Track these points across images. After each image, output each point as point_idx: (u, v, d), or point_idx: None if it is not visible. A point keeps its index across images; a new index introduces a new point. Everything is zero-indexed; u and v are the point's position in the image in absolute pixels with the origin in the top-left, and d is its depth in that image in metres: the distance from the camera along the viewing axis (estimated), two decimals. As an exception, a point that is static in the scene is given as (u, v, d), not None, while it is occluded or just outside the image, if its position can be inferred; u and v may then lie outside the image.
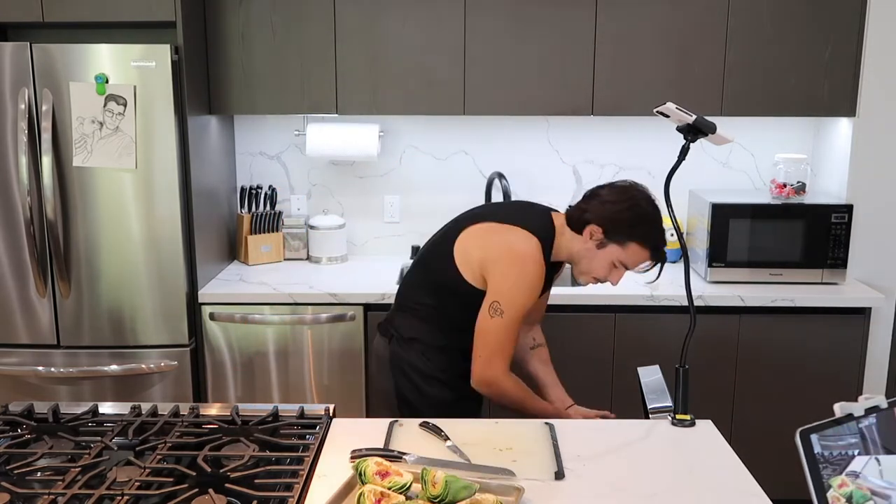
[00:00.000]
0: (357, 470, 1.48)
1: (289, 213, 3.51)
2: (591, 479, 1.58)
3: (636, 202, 2.03)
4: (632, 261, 2.04)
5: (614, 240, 2.03)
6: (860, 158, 3.11)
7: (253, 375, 3.00)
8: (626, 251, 2.03)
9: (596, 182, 3.46)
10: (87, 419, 1.81)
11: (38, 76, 2.73)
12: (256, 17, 3.03)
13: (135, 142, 2.77)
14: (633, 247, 2.03)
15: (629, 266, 2.06)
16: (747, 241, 3.03)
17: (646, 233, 2.02)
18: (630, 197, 2.04)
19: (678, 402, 1.85)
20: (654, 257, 2.05)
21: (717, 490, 1.55)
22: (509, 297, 2.00)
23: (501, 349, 2.03)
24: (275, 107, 3.11)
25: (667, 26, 3.03)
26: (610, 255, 2.04)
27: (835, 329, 2.93)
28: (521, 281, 2.01)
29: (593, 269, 2.07)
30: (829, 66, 3.04)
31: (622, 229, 2.02)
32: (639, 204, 2.03)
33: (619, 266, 2.06)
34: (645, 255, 2.04)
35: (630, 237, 2.02)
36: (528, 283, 2.02)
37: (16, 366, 2.92)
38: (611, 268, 2.06)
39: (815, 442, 1.15)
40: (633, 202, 2.03)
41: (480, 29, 3.03)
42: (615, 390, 2.97)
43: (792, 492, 1.94)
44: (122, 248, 2.85)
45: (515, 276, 2.01)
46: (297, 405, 1.87)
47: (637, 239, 2.02)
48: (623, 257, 2.04)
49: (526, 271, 2.02)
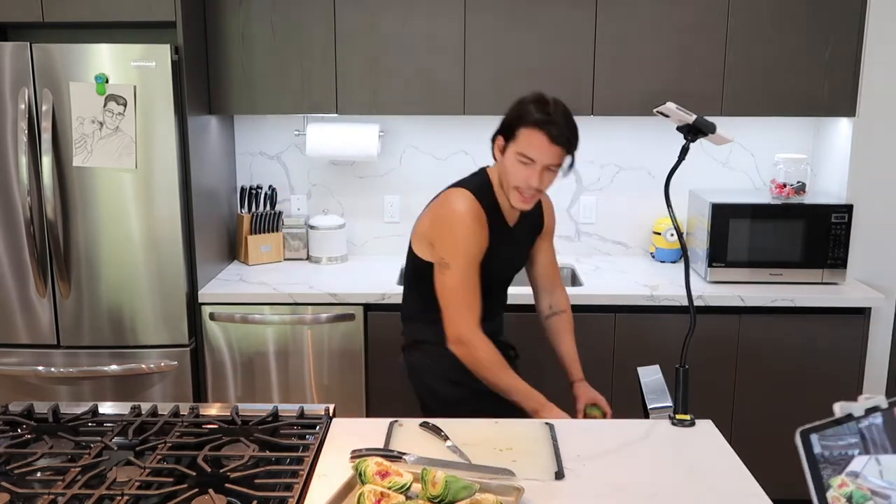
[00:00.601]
0: (357, 470, 1.48)
1: (289, 213, 3.51)
2: (591, 479, 1.58)
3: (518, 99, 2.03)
4: (528, 145, 1.97)
5: (510, 139, 2.01)
6: (860, 158, 3.11)
7: (253, 375, 3.00)
8: (519, 141, 1.98)
9: (596, 182, 3.49)
10: (87, 419, 1.81)
11: (38, 76, 2.73)
12: (256, 17, 3.03)
13: (135, 142, 2.77)
14: (522, 132, 1.98)
15: (531, 154, 1.97)
16: (747, 241, 3.03)
17: (526, 112, 1.98)
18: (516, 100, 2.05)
19: (678, 402, 1.86)
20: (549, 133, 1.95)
21: (717, 490, 1.55)
22: (451, 250, 2.03)
23: (463, 302, 2.03)
24: (275, 107, 3.11)
25: (667, 26, 3.03)
26: (512, 154, 2.00)
27: (835, 329, 2.93)
28: (456, 231, 2.03)
29: (510, 178, 2.02)
30: (829, 66, 3.04)
31: (509, 123, 2.01)
32: (520, 98, 2.03)
33: (524, 160, 1.98)
34: (536, 134, 1.96)
35: (517, 125, 1.98)
36: (463, 231, 2.03)
37: (16, 366, 2.92)
38: (520, 166, 1.99)
39: (815, 442, 1.15)
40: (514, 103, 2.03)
41: (480, 29, 3.03)
42: (615, 390, 2.96)
43: (792, 492, 1.94)
44: (122, 248, 2.85)
45: (450, 228, 2.04)
46: (297, 405, 1.87)
47: (522, 123, 1.98)
48: (521, 148, 1.98)
49: (458, 220, 2.03)
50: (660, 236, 3.39)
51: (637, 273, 3.22)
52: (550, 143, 1.96)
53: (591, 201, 3.50)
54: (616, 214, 3.51)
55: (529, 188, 2.00)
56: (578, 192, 3.49)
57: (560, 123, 1.96)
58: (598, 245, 3.54)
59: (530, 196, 2.03)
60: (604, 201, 3.50)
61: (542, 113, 1.96)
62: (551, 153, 1.97)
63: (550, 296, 2.34)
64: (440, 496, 1.41)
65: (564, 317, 2.33)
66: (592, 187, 3.49)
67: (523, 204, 2.05)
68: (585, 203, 3.49)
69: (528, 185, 2.00)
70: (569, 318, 2.34)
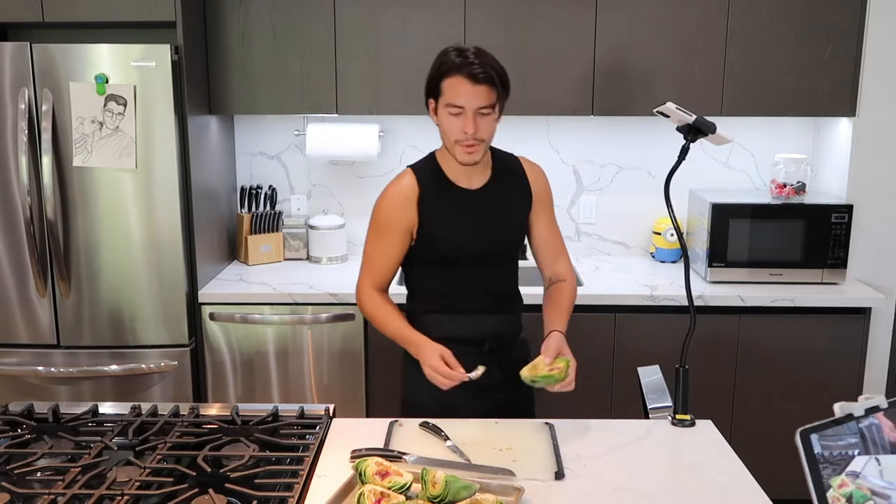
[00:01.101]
0: (357, 470, 1.48)
1: (289, 213, 3.51)
2: (591, 479, 1.58)
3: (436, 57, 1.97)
4: (453, 94, 1.89)
5: (438, 96, 1.93)
6: (860, 158, 3.11)
7: (253, 375, 3.00)
8: (445, 93, 1.91)
9: (596, 182, 3.49)
10: (87, 419, 1.82)
11: (38, 76, 2.73)
12: (256, 17, 3.03)
13: (135, 142, 2.77)
14: (445, 84, 1.90)
15: (458, 102, 1.88)
16: (747, 241, 3.03)
17: (443, 62, 1.91)
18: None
19: (678, 402, 1.86)
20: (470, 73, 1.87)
21: (717, 490, 1.55)
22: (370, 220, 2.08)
23: (364, 267, 2.09)
24: (275, 107, 3.11)
25: (667, 26, 3.03)
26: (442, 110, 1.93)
27: (835, 329, 2.93)
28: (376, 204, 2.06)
29: (448, 134, 1.94)
30: (829, 66, 3.04)
31: (432, 80, 1.94)
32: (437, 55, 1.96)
33: (454, 110, 1.89)
34: (458, 80, 1.88)
35: (440, 79, 1.91)
36: (377, 205, 2.05)
37: (16, 366, 2.92)
38: (453, 119, 1.90)
39: (815, 442, 1.15)
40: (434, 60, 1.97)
41: (480, 29, 3.03)
42: (615, 390, 2.97)
43: (792, 492, 1.94)
44: (122, 248, 2.85)
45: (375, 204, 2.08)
46: (297, 405, 1.87)
47: (443, 75, 1.90)
48: (447, 99, 1.90)
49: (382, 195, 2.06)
50: (660, 236, 3.39)
51: (637, 273, 3.23)
52: (474, 84, 1.87)
53: (591, 201, 3.50)
54: (616, 214, 3.51)
55: (467, 137, 1.90)
56: (578, 192, 3.49)
57: (479, 62, 1.88)
58: (598, 245, 3.54)
59: (472, 146, 1.92)
60: (604, 201, 3.50)
61: (460, 57, 1.89)
62: (478, 94, 1.88)
63: (552, 268, 2.19)
64: (440, 496, 1.41)
65: (563, 285, 2.15)
66: (592, 187, 3.49)
67: (468, 156, 1.94)
68: (585, 203, 3.49)
69: (465, 135, 1.90)
70: (569, 286, 2.15)
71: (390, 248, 2.05)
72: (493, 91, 1.89)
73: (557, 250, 2.19)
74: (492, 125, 1.93)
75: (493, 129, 1.95)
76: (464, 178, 2.03)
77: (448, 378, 1.85)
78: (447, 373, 1.85)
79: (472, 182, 2.04)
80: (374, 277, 2.08)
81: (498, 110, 1.93)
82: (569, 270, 2.19)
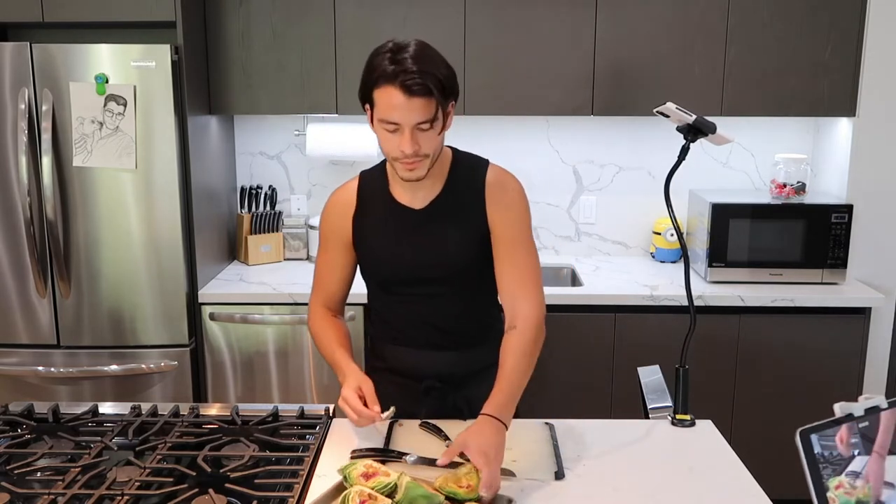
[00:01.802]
0: (343, 474, 1.48)
1: (289, 213, 3.51)
2: (591, 479, 1.58)
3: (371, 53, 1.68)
4: (386, 108, 1.61)
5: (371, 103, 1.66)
6: (860, 158, 3.11)
7: (253, 375, 3.00)
8: (378, 106, 1.63)
9: (596, 182, 3.49)
10: (87, 419, 1.81)
11: (38, 76, 2.73)
12: (256, 17, 3.03)
13: (135, 142, 2.77)
14: (377, 95, 1.62)
15: (390, 116, 1.60)
16: (747, 241, 3.03)
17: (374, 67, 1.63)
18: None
19: (678, 402, 1.85)
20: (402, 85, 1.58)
21: (717, 490, 1.55)
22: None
23: (314, 277, 1.94)
24: (275, 107, 3.11)
25: (666, 26, 3.03)
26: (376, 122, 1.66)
27: (835, 329, 2.93)
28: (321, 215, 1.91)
29: (384, 149, 1.69)
30: (829, 66, 3.04)
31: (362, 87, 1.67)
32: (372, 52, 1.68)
33: (388, 125, 1.62)
34: (390, 92, 1.59)
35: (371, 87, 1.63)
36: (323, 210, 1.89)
37: (16, 366, 2.92)
38: (388, 135, 1.64)
39: (815, 442, 1.15)
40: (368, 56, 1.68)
41: (480, 29, 3.03)
42: (615, 390, 2.97)
43: (792, 492, 1.94)
44: (122, 248, 2.85)
45: None
46: (297, 405, 1.87)
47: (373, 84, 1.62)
48: (380, 113, 1.62)
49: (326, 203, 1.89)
50: (660, 236, 3.39)
51: (637, 273, 3.23)
52: (409, 97, 1.58)
53: (591, 201, 3.50)
54: (616, 214, 3.50)
55: (405, 156, 1.64)
56: (578, 192, 3.49)
57: (414, 69, 1.57)
58: (598, 245, 3.54)
59: (414, 163, 1.66)
60: (604, 201, 3.50)
61: (393, 63, 1.59)
62: (413, 109, 1.59)
63: (510, 310, 1.76)
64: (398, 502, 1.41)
65: (511, 336, 1.71)
66: (592, 187, 3.49)
67: (410, 174, 1.68)
68: (585, 203, 3.49)
69: (403, 154, 1.63)
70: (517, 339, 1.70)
71: (334, 261, 1.88)
72: (433, 102, 1.60)
73: (518, 288, 1.75)
74: (434, 139, 1.65)
75: (439, 142, 1.69)
76: (407, 194, 1.79)
77: (357, 415, 1.65)
78: (357, 409, 1.64)
79: (415, 199, 1.79)
80: (321, 294, 1.92)
81: (442, 119, 1.64)
82: (525, 314, 1.72)
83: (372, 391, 1.70)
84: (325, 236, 1.89)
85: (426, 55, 1.62)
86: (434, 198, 1.79)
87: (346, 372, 1.77)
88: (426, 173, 1.70)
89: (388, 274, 1.84)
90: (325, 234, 1.89)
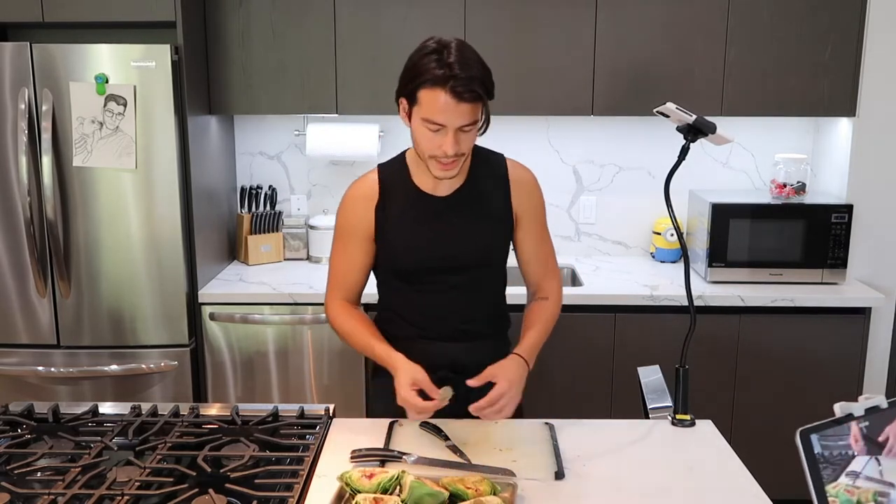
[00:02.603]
0: (343, 480, 1.47)
1: (289, 213, 3.51)
2: (591, 479, 1.58)
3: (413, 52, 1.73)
4: (432, 110, 1.67)
5: (412, 100, 1.71)
6: (860, 158, 3.11)
7: (253, 375, 3.00)
8: (422, 105, 1.68)
9: (596, 182, 3.49)
10: (87, 419, 1.81)
11: (38, 76, 2.73)
12: (256, 17, 3.03)
13: (135, 142, 2.77)
14: (423, 95, 1.67)
15: (438, 119, 1.67)
16: (747, 241, 3.03)
17: (424, 69, 1.67)
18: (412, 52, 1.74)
19: (678, 402, 1.85)
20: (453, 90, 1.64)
21: (717, 490, 1.55)
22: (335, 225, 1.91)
23: (331, 276, 1.92)
24: (275, 107, 3.11)
25: (666, 26, 3.03)
26: (418, 121, 1.71)
27: (835, 329, 2.93)
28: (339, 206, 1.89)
29: (422, 147, 1.74)
30: (829, 66, 3.04)
31: (406, 84, 1.71)
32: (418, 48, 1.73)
33: (431, 125, 1.68)
34: (440, 95, 1.65)
35: (416, 86, 1.68)
36: (339, 209, 1.88)
37: (16, 366, 2.92)
38: (430, 134, 1.70)
39: (815, 442, 1.15)
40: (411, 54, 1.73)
41: (480, 29, 3.03)
42: (615, 390, 2.97)
43: (792, 492, 1.94)
44: (122, 248, 2.85)
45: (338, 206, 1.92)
46: (297, 405, 1.87)
47: (421, 84, 1.67)
48: (425, 113, 1.68)
49: (343, 197, 1.89)
50: (660, 236, 3.39)
51: (637, 273, 3.23)
52: (458, 103, 1.65)
53: (591, 201, 3.50)
54: (616, 214, 3.51)
55: (446, 156, 1.71)
56: (578, 192, 3.49)
57: (464, 76, 1.64)
58: (598, 245, 3.54)
59: (451, 162, 1.73)
60: (604, 201, 3.50)
61: (441, 67, 1.64)
62: (461, 113, 1.66)
63: (537, 285, 1.98)
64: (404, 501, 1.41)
65: (544, 303, 1.94)
66: (592, 187, 3.49)
67: (445, 172, 1.75)
68: (585, 203, 3.49)
69: (444, 154, 1.70)
70: (550, 305, 1.94)
71: (353, 255, 1.88)
72: (478, 106, 1.70)
73: (546, 268, 1.97)
74: (473, 138, 1.75)
75: (475, 139, 1.77)
76: (430, 184, 1.85)
77: (420, 411, 1.69)
78: (419, 407, 1.68)
79: (438, 188, 1.85)
80: (340, 289, 1.91)
81: (482, 120, 1.74)
82: (555, 289, 1.97)
83: (427, 379, 1.72)
84: (346, 231, 1.88)
85: (469, 58, 1.69)
86: (458, 187, 1.86)
87: (395, 365, 1.77)
88: (458, 171, 1.78)
89: (411, 263, 1.86)
90: (346, 229, 1.88)
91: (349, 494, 1.45)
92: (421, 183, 1.85)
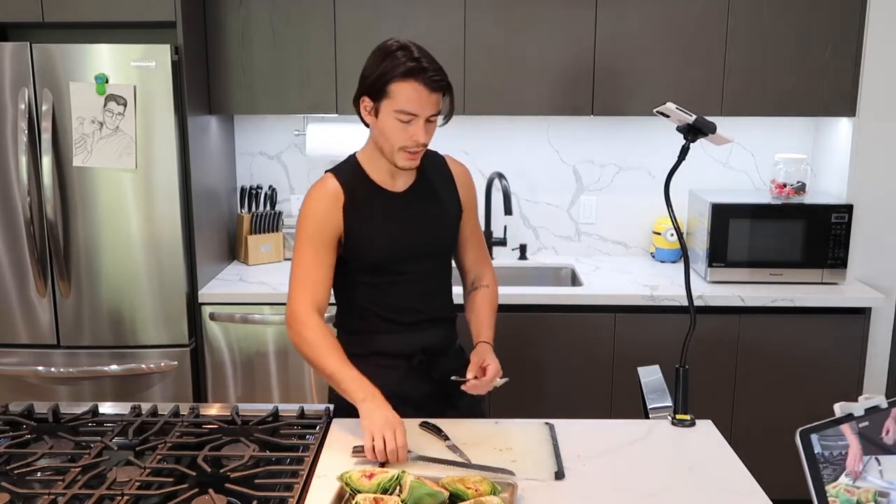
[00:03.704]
0: (342, 480, 1.47)
1: (289, 213, 3.51)
2: (591, 479, 1.58)
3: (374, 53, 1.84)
4: (406, 100, 1.78)
5: (379, 97, 1.80)
6: (860, 158, 3.11)
7: (253, 375, 3.00)
8: (394, 97, 1.78)
9: (596, 182, 3.49)
10: (87, 419, 1.82)
11: (38, 76, 2.73)
12: (256, 17, 3.03)
13: (135, 142, 2.77)
14: (395, 88, 1.77)
15: (409, 108, 1.78)
16: (747, 241, 3.03)
17: (395, 63, 1.77)
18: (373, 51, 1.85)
19: (678, 402, 1.85)
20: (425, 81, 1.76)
21: (717, 490, 1.55)
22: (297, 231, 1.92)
23: (298, 281, 1.89)
24: (275, 107, 3.11)
25: (666, 26, 3.03)
26: (388, 114, 1.80)
27: (835, 329, 2.93)
28: (300, 212, 1.92)
29: (392, 140, 1.82)
30: (829, 66, 3.04)
31: (375, 80, 1.80)
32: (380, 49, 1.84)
33: (403, 116, 1.79)
34: (413, 86, 1.76)
35: (387, 80, 1.78)
36: (304, 210, 1.90)
37: (16, 366, 2.92)
38: (401, 125, 1.80)
39: (815, 442, 1.15)
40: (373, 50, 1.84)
41: (480, 29, 3.03)
42: (615, 390, 2.97)
43: (792, 492, 1.94)
44: (122, 248, 2.85)
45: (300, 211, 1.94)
46: (297, 405, 1.87)
47: (393, 77, 1.77)
48: (399, 104, 1.78)
49: (304, 202, 1.91)
50: (660, 236, 3.39)
51: (637, 273, 3.23)
52: (430, 92, 1.77)
53: (591, 201, 3.50)
54: (616, 214, 3.51)
55: (417, 145, 1.82)
56: (578, 192, 3.49)
57: (433, 68, 1.78)
58: (598, 245, 3.54)
59: (417, 152, 1.85)
60: (604, 201, 3.50)
61: (412, 60, 1.77)
62: (431, 102, 1.79)
63: (475, 272, 2.12)
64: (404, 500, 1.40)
65: (486, 291, 2.09)
66: (592, 187, 3.49)
67: (411, 162, 1.86)
68: (585, 203, 3.49)
69: (416, 143, 1.81)
70: (493, 291, 2.10)
71: (325, 259, 1.89)
72: (443, 97, 1.83)
73: (481, 253, 2.13)
74: (434, 130, 1.86)
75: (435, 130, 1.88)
76: (388, 181, 1.94)
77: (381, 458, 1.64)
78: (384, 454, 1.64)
79: (396, 184, 1.94)
80: (312, 294, 1.87)
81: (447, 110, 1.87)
82: (491, 275, 2.12)
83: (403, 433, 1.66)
84: (317, 235, 1.89)
85: (430, 55, 1.82)
86: (412, 182, 1.97)
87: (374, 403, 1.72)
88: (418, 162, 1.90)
89: (384, 254, 1.92)
90: (314, 231, 1.89)
91: (349, 494, 1.45)
92: (379, 181, 1.94)
